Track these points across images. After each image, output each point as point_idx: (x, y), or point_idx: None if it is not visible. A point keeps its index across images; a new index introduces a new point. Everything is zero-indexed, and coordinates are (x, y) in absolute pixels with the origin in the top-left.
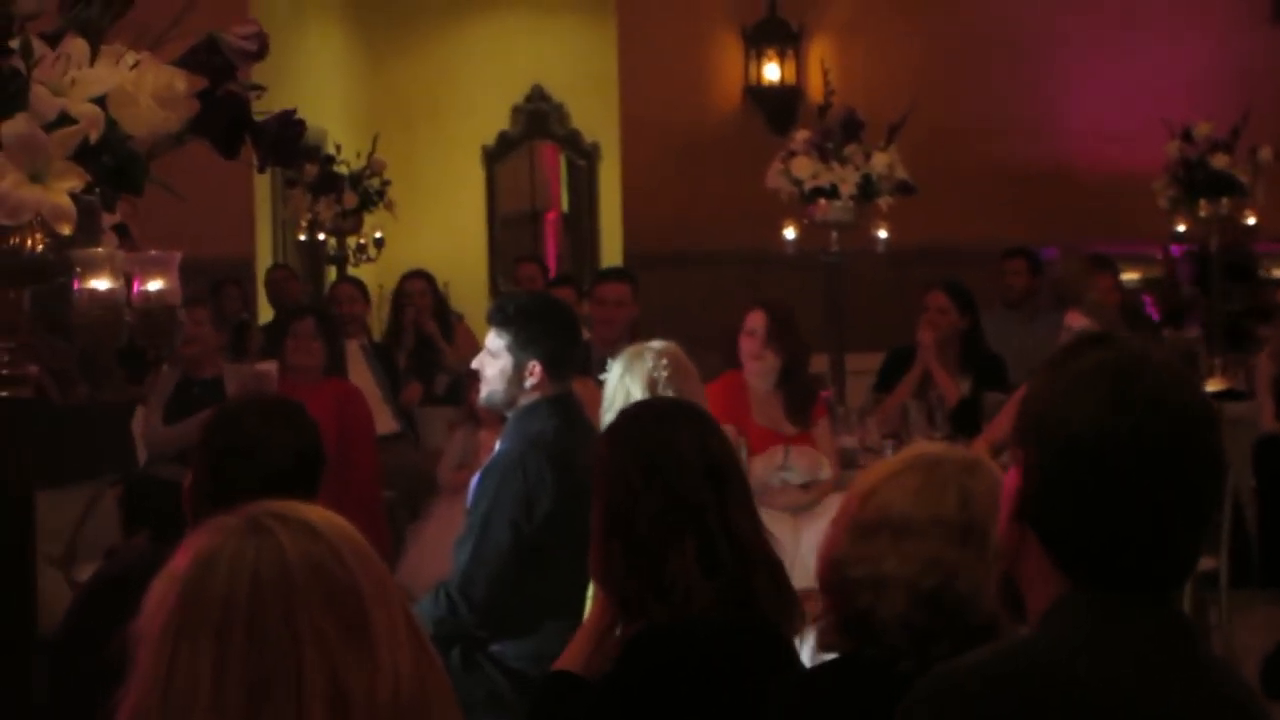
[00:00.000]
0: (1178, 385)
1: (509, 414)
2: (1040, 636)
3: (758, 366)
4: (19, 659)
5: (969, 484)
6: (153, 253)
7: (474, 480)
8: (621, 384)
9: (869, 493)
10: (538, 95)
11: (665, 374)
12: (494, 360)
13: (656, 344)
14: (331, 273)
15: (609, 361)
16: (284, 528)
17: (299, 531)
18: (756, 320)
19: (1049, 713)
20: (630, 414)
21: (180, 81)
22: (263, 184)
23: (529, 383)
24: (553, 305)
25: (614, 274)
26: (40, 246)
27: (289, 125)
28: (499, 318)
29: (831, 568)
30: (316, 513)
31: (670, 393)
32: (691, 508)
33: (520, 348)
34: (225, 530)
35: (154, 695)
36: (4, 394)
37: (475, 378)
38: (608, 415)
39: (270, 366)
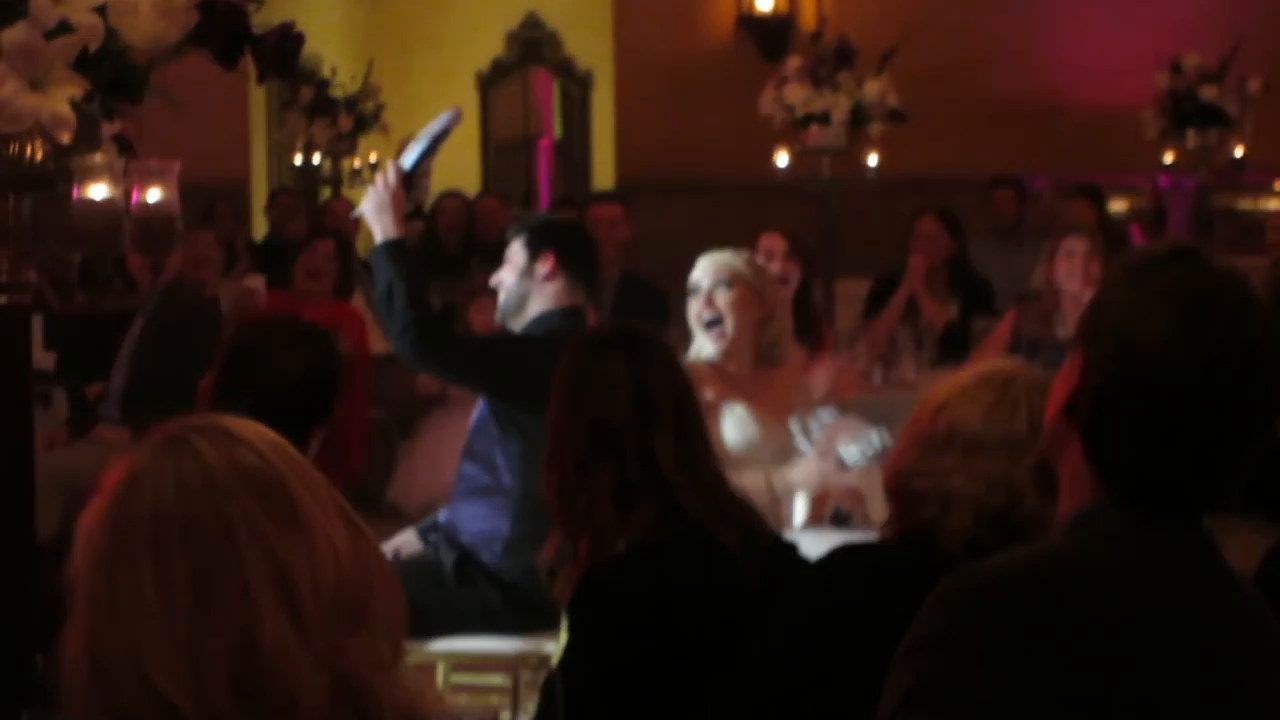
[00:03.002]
0: (1253, 320)
1: (520, 326)
2: (1071, 541)
3: (782, 290)
4: (20, 567)
5: (1040, 404)
6: (152, 162)
7: (478, 404)
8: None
9: (940, 406)
10: (532, 22)
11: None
12: (508, 266)
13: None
14: (326, 194)
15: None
16: (199, 436)
17: (214, 437)
18: (774, 243)
19: (1077, 616)
20: (572, 341)
21: None
22: (258, 106)
23: (541, 272)
24: (568, 219)
25: (606, 195)
26: (40, 155)
27: (288, 38)
28: (516, 226)
29: (899, 478)
30: (233, 420)
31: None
32: (612, 438)
33: (535, 242)
34: (142, 452)
35: (100, 620)
36: (2, 301)
37: (472, 299)
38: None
39: (258, 283)
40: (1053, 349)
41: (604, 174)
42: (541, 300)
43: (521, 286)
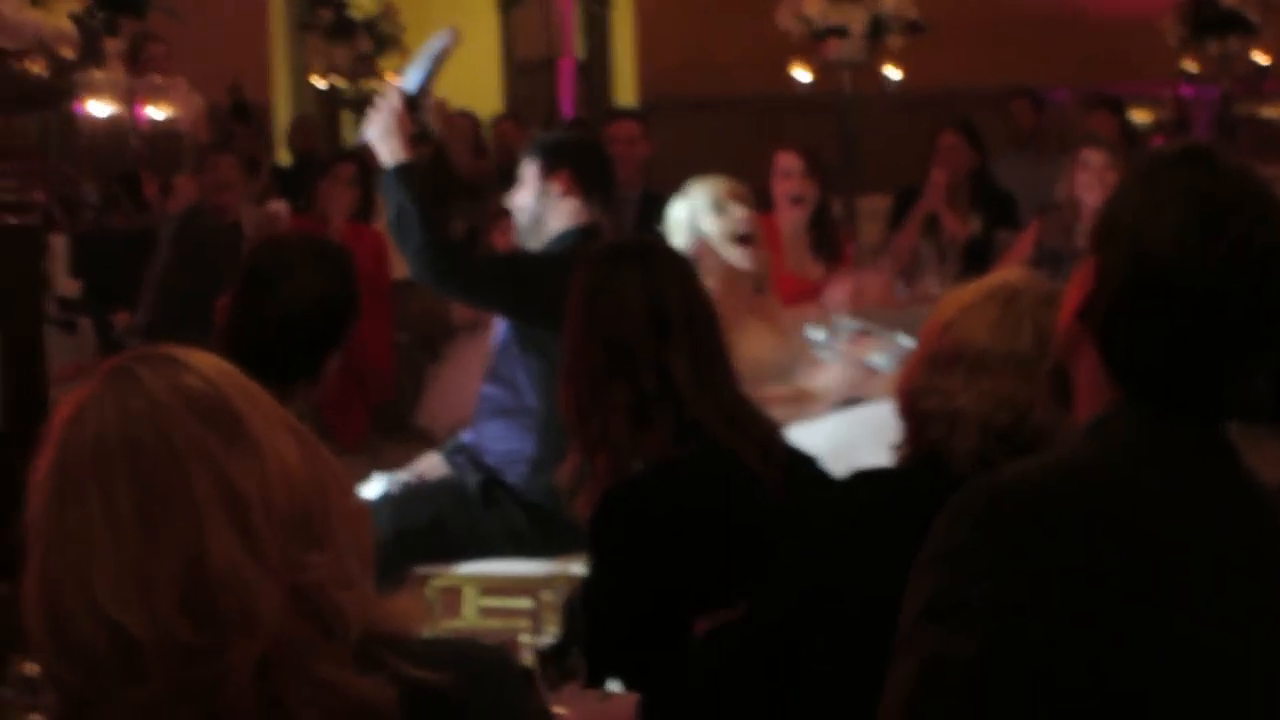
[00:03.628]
0: (1269, 219)
1: (538, 245)
2: (1087, 446)
3: (798, 209)
4: None
5: (1046, 318)
6: (156, 78)
7: (499, 325)
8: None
9: (947, 324)
10: None
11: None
12: (523, 187)
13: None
14: (346, 117)
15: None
16: (142, 365)
17: (158, 365)
18: (791, 161)
19: (1092, 521)
20: (587, 256)
21: None
22: (278, 30)
23: (556, 190)
24: (581, 136)
25: (624, 113)
26: (43, 71)
27: None
28: (530, 146)
29: (908, 397)
30: (179, 349)
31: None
32: (626, 354)
33: (548, 160)
34: (87, 386)
35: (50, 555)
36: (12, 221)
37: (494, 220)
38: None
39: (280, 207)
40: (1074, 260)
41: (625, 93)
42: (558, 218)
43: (537, 206)
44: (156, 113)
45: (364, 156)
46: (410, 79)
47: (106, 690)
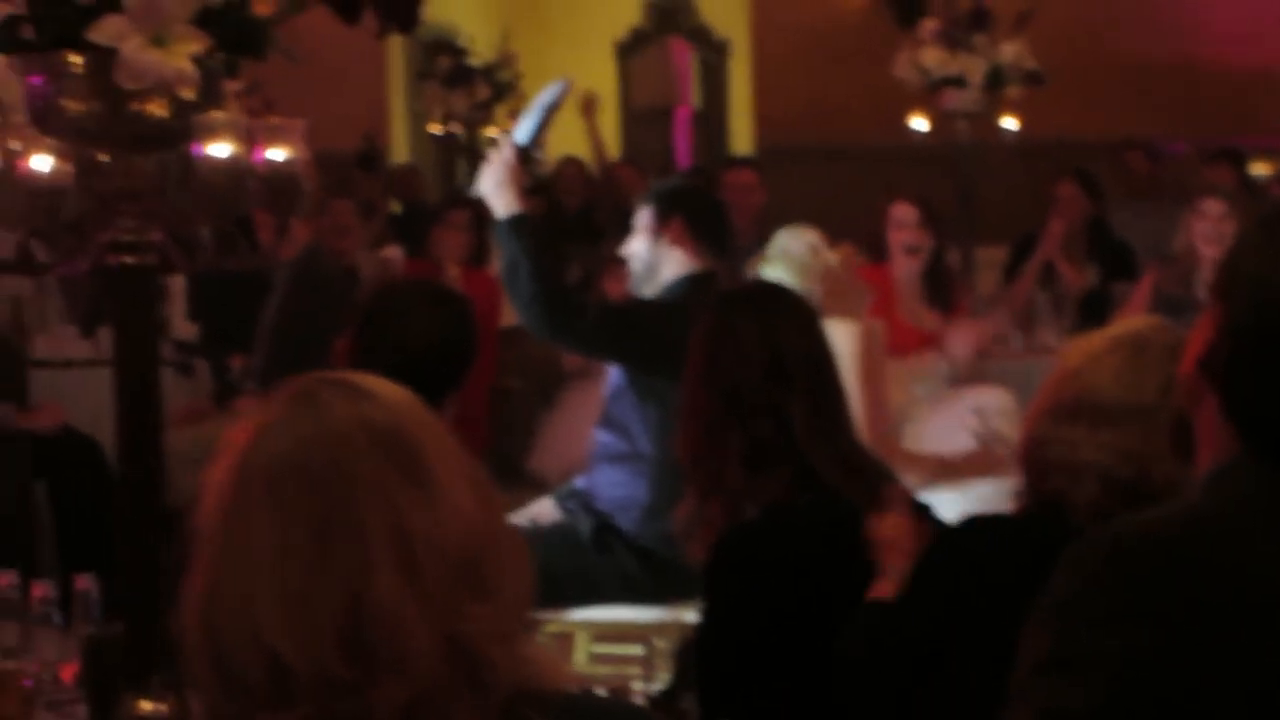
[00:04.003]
0: None
1: (652, 292)
2: (1207, 497)
3: (914, 259)
4: (149, 531)
5: (1173, 368)
6: (275, 120)
7: (613, 371)
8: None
9: (1072, 373)
10: None
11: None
12: (637, 235)
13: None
14: (463, 165)
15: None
16: (332, 391)
17: (348, 393)
18: (906, 211)
19: (1210, 575)
20: (709, 300)
21: None
22: (397, 78)
23: (669, 238)
24: (694, 183)
25: (741, 161)
26: (162, 112)
27: None
28: (645, 195)
29: (1029, 446)
30: (367, 378)
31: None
32: (743, 400)
33: (662, 209)
34: (273, 405)
35: (216, 568)
36: (129, 261)
37: (608, 267)
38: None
39: (395, 252)
40: (1193, 309)
41: (742, 142)
42: (672, 266)
43: (651, 254)
44: (275, 154)
45: (478, 202)
46: (522, 130)
47: (251, 711)
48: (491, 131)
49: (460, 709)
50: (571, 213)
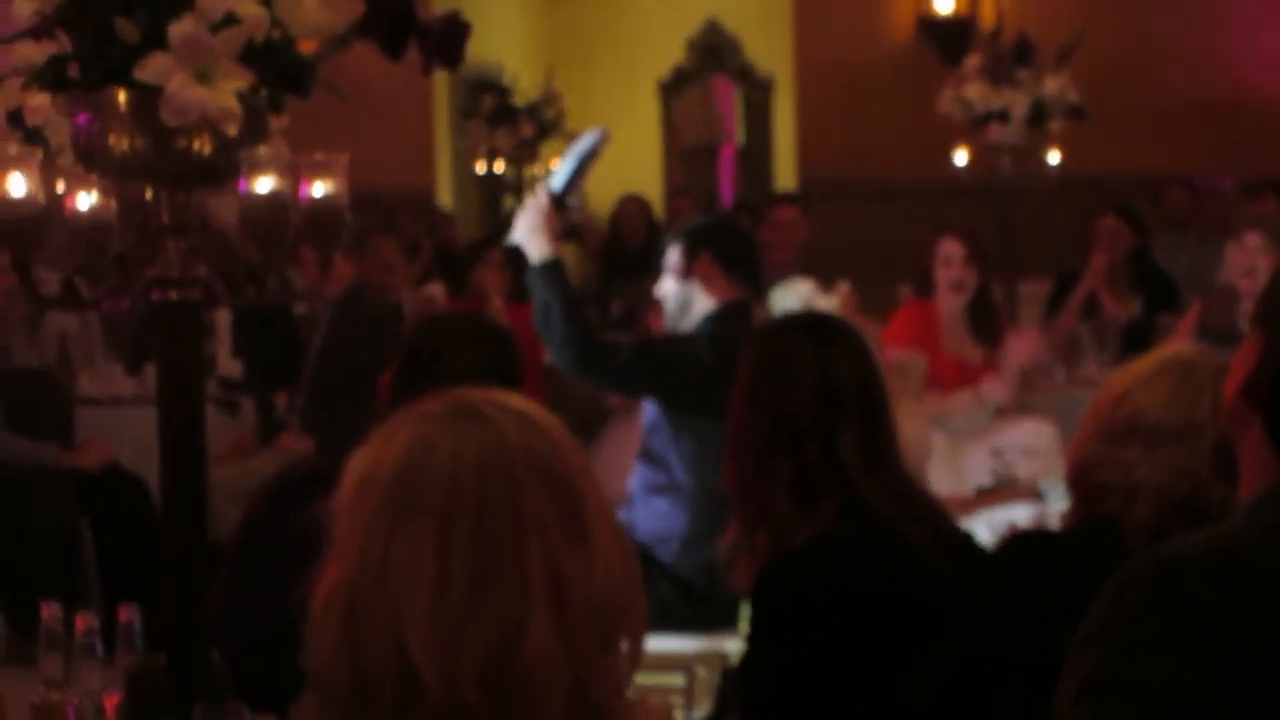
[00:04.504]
0: None
1: (687, 328)
2: (1248, 524)
3: (958, 295)
4: (193, 565)
5: (1222, 389)
6: (319, 155)
7: (648, 405)
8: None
9: (1121, 396)
10: (712, 29)
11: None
12: (667, 274)
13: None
14: (509, 202)
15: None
16: (501, 414)
17: (516, 418)
18: (953, 248)
19: (1253, 602)
20: (760, 329)
21: None
22: (442, 117)
23: (700, 273)
24: (727, 217)
25: (785, 198)
26: (207, 148)
27: (455, 26)
28: (675, 233)
29: (1081, 470)
30: (525, 401)
31: None
32: (793, 429)
33: (689, 246)
34: (437, 416)
35: (367, 575)
36: (174, 296)
37: (651, 301)
38: None
39: (437, 290)
40: (1237, 341)
41: (786, 178)
42: (704, 301)
43: (683, 291)
44: (318, 188)
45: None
46: (557, 177)
47: (365, 717)
48: (536, 169)
49: None
50: (633, 250)
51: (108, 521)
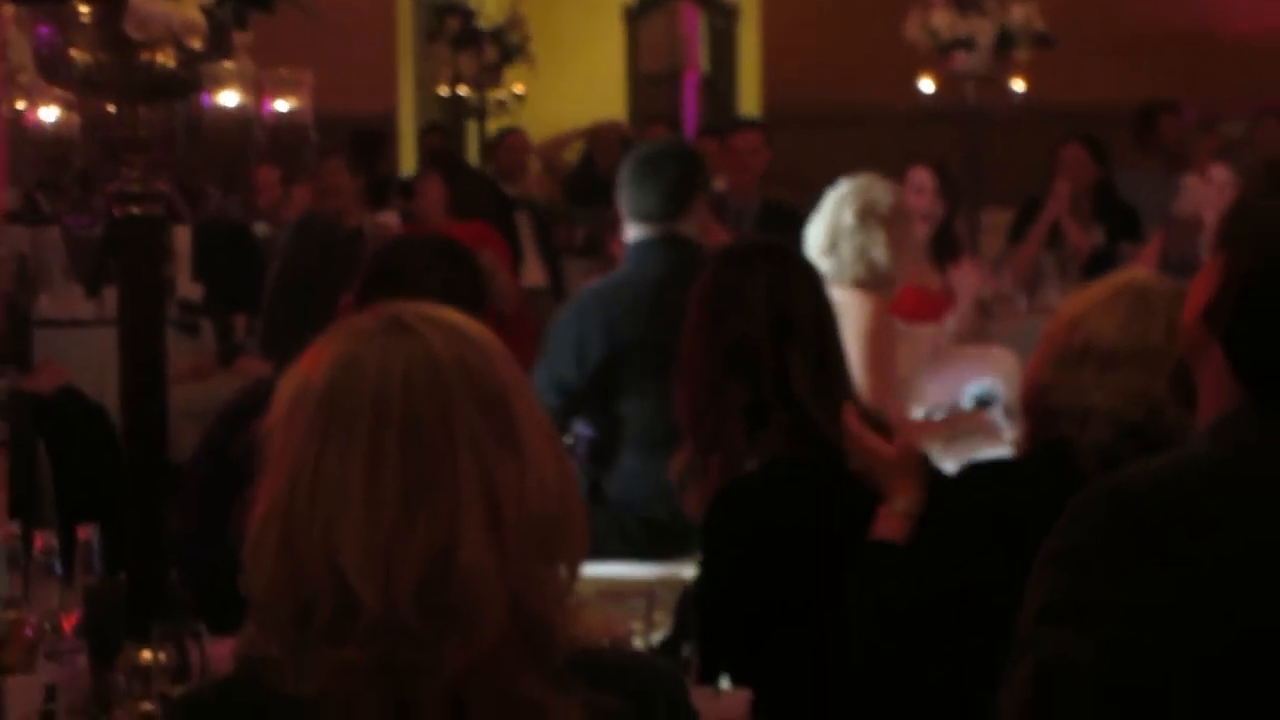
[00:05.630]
0: None
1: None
2: (1210, 445)
3: (924, 224)
4: (153, 485)
5: (1178, 314)
6: (283, 70)
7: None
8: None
9: (1076, 321)
10: None
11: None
12: None
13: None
14: (471, 127)
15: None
16: (430, 328)
17: (446, 331)
18: (923, 177)
19: (1212, 525)
20: (715, 255)
21: None
22: (404, 40)
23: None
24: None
25: (746, 123)
26: (171, 62)
27: None
28: None
29: (1033, 393)
30: (457, 315)
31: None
32: (746, 355)
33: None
34: (366, 331)
35: (299, 492)
36: (136, 211)
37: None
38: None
39: (392, 218)
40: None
41: (750, 105)
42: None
43: None
44: (282, 105)
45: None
46: None
47: (313, 642)
48: (500, 94)
49: (520, 673)
50: (605, 172)
51: (65, 443)
